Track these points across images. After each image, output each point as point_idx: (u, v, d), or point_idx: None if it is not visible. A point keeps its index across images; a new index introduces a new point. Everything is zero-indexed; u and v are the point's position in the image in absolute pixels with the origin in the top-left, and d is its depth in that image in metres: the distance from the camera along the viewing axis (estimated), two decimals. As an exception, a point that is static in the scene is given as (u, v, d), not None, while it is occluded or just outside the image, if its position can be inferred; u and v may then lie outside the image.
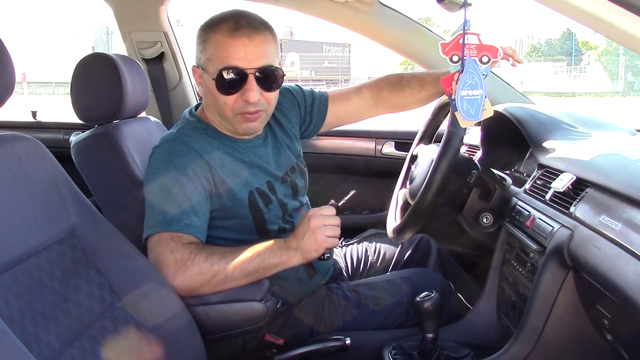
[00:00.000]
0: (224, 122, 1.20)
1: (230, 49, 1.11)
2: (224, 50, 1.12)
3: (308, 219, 1.08)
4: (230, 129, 1.21)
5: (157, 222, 1.09)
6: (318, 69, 24.94)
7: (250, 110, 1.14)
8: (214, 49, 1.13)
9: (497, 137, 1.51)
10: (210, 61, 1.14)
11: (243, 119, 1.16)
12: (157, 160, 1.17)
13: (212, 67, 1.13)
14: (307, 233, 1.07)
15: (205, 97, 1.21)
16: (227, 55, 1.11)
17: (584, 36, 29.71)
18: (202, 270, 1.04)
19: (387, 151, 2.09)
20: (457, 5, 1.14)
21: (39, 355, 0.78)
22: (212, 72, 1.13)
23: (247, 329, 1.08)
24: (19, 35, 31.96)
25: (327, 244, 1.08)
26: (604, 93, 22.48)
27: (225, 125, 1.22)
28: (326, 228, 1.08)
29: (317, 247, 1.07)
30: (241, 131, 1.20)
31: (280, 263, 1.08)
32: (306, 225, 1.08)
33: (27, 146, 0.95)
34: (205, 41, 1.15)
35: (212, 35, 1.14)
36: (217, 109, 1.19)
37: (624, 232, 0.84)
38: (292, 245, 1.08)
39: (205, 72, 1.15)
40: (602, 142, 1.21)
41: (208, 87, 1.16)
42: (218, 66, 1.12)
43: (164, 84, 2.11)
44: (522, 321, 1.11)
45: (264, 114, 1.18)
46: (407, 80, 1.42)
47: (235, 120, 1.17)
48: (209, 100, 1.20)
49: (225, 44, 1.12)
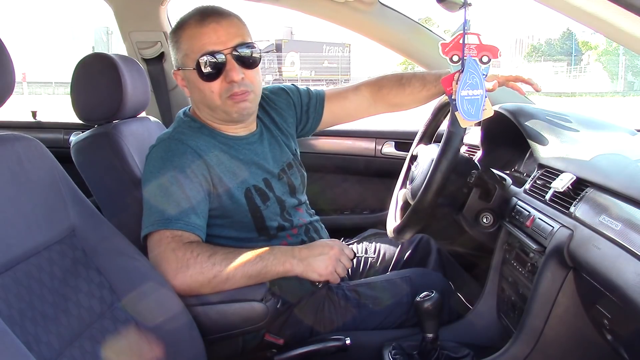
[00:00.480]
0: (216, 113, 1.21)
1: (202, 37, 1.14)
2: (197, 41, 1.15)
3: (332, 246, 1.11)
4: (225, 119, 1.22)
5: (155, 220, 1.09)
6: (318, 69, 24.93)
7: (236, 92, 1.16)
8: (187, 44, 1.16)
9: (497, 137, 1.51)
10: (187, 56, 1.17)
11: (232, 101, 1.17)
12: (155, 159, 1.17)
13: (190, 61, 1.16)
14: (322, 255, 1.09)
15: (193, 95, 1.23)
16: (201, 44, 1.14)
17: (584, 36, 29.72)
18: (204, 270, 1.04)
19: (387, 151, 2.09)
20: (457, 5, 1.14)
21: (39, 355, 0.78)
22: (191, 65, 1.16)
23: (247, 329, 1.08)
24: (19, 35, 31.96)
25: (331, 277, 1.10)
26: (604, 93, 22.48)
27: (219, 117, 1.22)
28: (339, 264, 1.11)
29: (322, 272, 1.09)
30: (235, 115, 1.20)
31: (282, 271, 1.09)
32: (327, 249, 1.11)
33: (27, 146, 0.95)
34: (177, 41, 1.19)
35: (181, 33, 1.17)
36: (205, 102, 1.20)
37: (624, 232, 0.84)
38: (300, 256, 1.09)
39: (185, 69, 1.18)
40: (602, 142, 1.21)
41: (192, 82, 1.18)
42: (195, 57, 1.14)
43: (164, 84, 2.11)
44: (522, 321, 1.11)
45: (252, 94, 1.19)
46: (407, 79, 1.42)
47: (226, 106, 1.18)
48: (196, 97, 1.22)
49: (197, 34, 1.15)
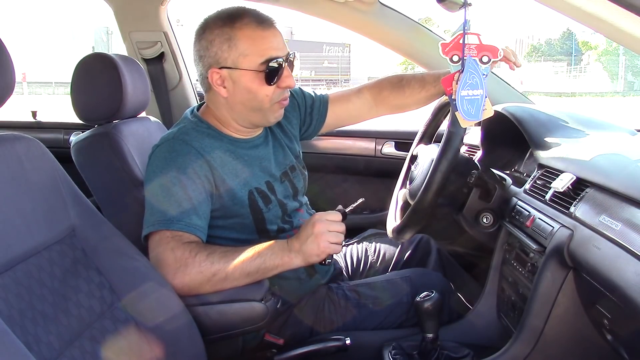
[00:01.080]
0: (254, 117, 1.21)
1: (265, 41, 1.14)
2: (261, 43, 1.14)
3: (313, 223, 1.08)
4: (253, 123, 1.23)
5: (156, 220, 1.09)
6: (318, 69, 24.93)
7: (286, 96, 1.20)
8: (247, 44, 1.14)
9: (497, 137, 1.51)
10: (246, 57, 1.14)
11: (279, 106, 1.20)
12: (158, 159, 1.17)
13: (248, 62, 1.14)
14: (310, 237, 1.07)
15: (234, 96, 1.18)
16: (266, 47, 1.14)
17: (584, 36, 29.72)
18: (203, 269, 1.04)
19: (387, 151, 2.09)
20: (457, 5, 1.14)
21: (39, 355, 0.78)
22: (250, 66, 1.14)
23: (247, 329, 1.08)
24: (19, 35, 31.94)
25: (329, 250, 1.08)
26: (604, 93, 22.48)
27: (249, 121, 1.22)
28: (330, 234, 1.07)
29: (318, 252, 1.07)
30: (273, 120, 1.23)
31: (281, 264, 1.08)
32: (310, 229, 1.07)
33: (27, 146, 0.95)
34: (231, 39, 1.14)
35: (238, 32, 1.14)
36: (251, 105, 1.18)
37: (624, 232, 0.84)
38: (294, 248, 1.08)
39: (237, 70, 1.15)
40: (602, 142, 1.21)
41: (241, 83, 1.16)
42: (258, 60, 1.13)
43: (164, 84, 2.11)
44: (522, 321, 1.11)
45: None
46: (407, 80, 1.42)
47: (270, 110, 1.20)
48: (240, 98, 1.18)
49: (260, 37, 1.14)
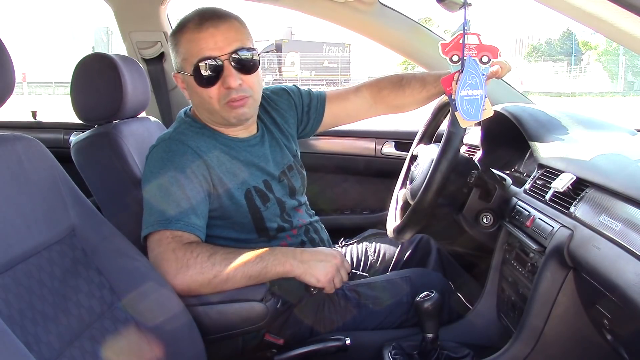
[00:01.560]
0: (215, 117, 1.21)
1: (200, 42, 1.14)
2: (194, 46, 1.14)
3: (335, 255, 1.12)
4: (223, 123, 1.22)
5: (155, 220, 1.09)
6: (318, 69, 24.92)
7: (234, 97, 1.16)
8: (185, 48, 1.16)
9: (497, 137, 1.51)
10: (185, 60, 1.16)
11: (229, 107, 1.17)
12: (155, 160, 1.17)
13: (188, 66, 1.16)
14: (324, 262, 1.10)
15: (192, 98, 1.22)
16: (198, 49, 1.14)
17: (584, 36, 29.70)
18: (204, 270, 1.04)
19: (387, 151, 2.09)
20: (457, 5, 1.14)
21: (39, 355, 0.78)
22: (189, 70, 1.15)
23: (247, 329, 1.08)
24: (19, 35, 31.94)
25: (326, 285, 1.10)
26: (604, 93, 22.46)
27: (218, 121, 1.22)
28: (338, 275, 1.11)
29: (321, 278, 1.09)
30: (233, 120, 1.19)
31: (282, 272, 1.09)
32: (330, 257, 1.11)
33: (27, 146, 0.95)
34: (176, 44, 1.18)
35: (180, 36, 1.17)
36: (204, 106, 1.20)
37: (624, 232, 0.84)
38: (302, 258, 1.09)
39: (184, 73, 1.17)
40: (602, 142, 1.21)
41: (190, 86, 1.18)
42: (193, 62, 1.14)
43: (164, 84, 2.11)
44: (522, 321, 1.11)
45: (251, 99, 1.19)
46: (407, 80, 1.42)
47: (223, 111, 1.18)
48: (195, 101, 1.22)
49: (195, 39, 1.14)
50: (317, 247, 1.16)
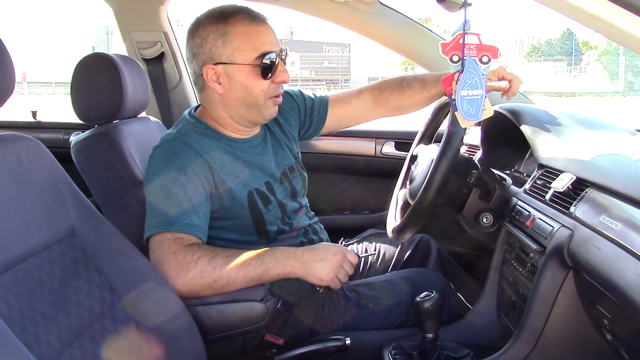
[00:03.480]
0: (250, 112, 1.21)
1: (259, 36, 1.16)
2: (255, 38, 1.15)
3: (334, 252, 1.11)
4: (249, 121, 1.23)
5: (158, 222, 1.09)
6: (318, 69, 24.92)
7: (280, 92, 1.20)
8: (242, 39, 1.15)
9: (497, 137, 1.51)
10: (240, 52, 1.15)
11: (273, 102, 1.20)
12: (158, 160, 1.17)
13: (243, 57, 1.15)
14: (325, 261, 1.09)
15: (230, 93, 1.18)
16: (261, 42, 1.15)
17: (584, 36, 29.70)
18: (205, 274, 1.04)
19: (387, 151, 2.09)
20: (457, 5, 1.14)
21: (39, 355, 0.78)
22: (246, 61, 1.15)
23: (247, 329, 1.08)
24: (19, 35, 31.92)
25: (331, 283, 1.10)
26: (604, 93, 22.46)
27: (244, 118, 1.22)
28: (341, 270, 1.10)
29: (323, 277, 1.09)
30: (268, 116, 1.23)
31: (283, 273, 1.09)
32: (330, 254, 1.10)
33: (27, 146, 0.95)
34: (225, 34, 1.15)
35: (232, 27, 1.15)
36: (247, 100, 1.18)
37: (624, 232, 0.84)
38: (303, 259, 1.09)
39: (232, 65, 1.16)
40: (602, 142, 1.21)
41: (236, 78, 1.17)
42: (253, 54, 1.15)
43: (164, 84, 2.11)
44: (522, 321, 1.11)
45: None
46: (408, 82, 1.42)
47: (265, 107, 1.20)
48: (235, 94, 1.18)
49: (254, 31, 1.15)
50: (318, 245, 1.15)
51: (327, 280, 1.09)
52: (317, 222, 1.37)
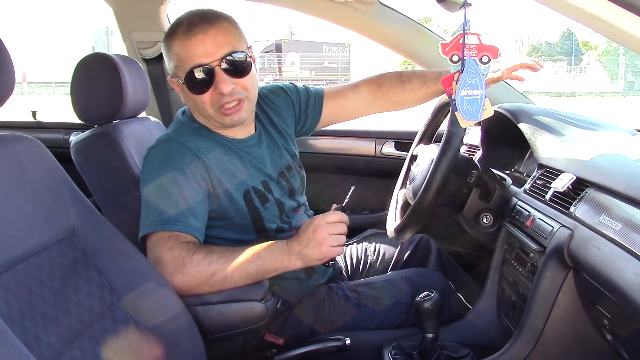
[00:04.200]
0: (211, 121, 1.22)
1: (189, 50, 1.13)
2: (184, 53, 1.13)
3: (314, 229, 1.06)
4: (219, 126, 1.22)
5: (153, 221, 1.09)
6: (318, 69, 24.92)
7: (226, 101, 1.15)
8: (176, 56, 1.15)
9: (497, 137, 1.51)
10: (178, 68, 1.16)
11: (223, 112, 1.16)
12: (154, 161, 1.17)
13: (181, 73, 1.15)
14: (311, 242, 1.06)
15: (187, 102, 1.22)
16: (188, 57, 1.13)
17: (584, 36, 29.69)
18: (201, 269, 1.04)
19: (387, 151, 2.09)
20: (457, 5, 1.14)
21: (39, 355, 0.78)
22: (181, 77, 1.15)
23: (247, 329, 1.08)
24: (19, 35, 31.93)
25: (331, 254, 1.07)
26: (604, 93, 22.45)
27: (214, 125, 1.23)
28: (331, 238, 1.07)
29: (321, 256, 1.07)
30: (228, 124, 1.20)
31: (281, 267, 1.08)
32: (311, 234, 1.06)
33: (27, 146, 0.95)
34: (168, 51, 1.18)
35: (171, 43, 1.16)
36: (199, 110, 1.20)
37: (624, 232, 0.84)
38: (294, 250, 1.08)
39: (178, 79, 1.17)
40: (602, 142, 1.21)
41: (184, 92, 1.18)
42: (185, 69, 1.14)
43: (164, 84, 2.11)
44: (522, 321, 1.11)
45: (246, 101, 1.18)
46: (407, 76, 1.42)
47: (217, 116, 1.18)
48: (190, 104, 1.22)
49: (184, 46, 1.13)
50: (300, 231, 1.10)
51: (325, 257, 1.07)
52: (317, 221, 1.37)
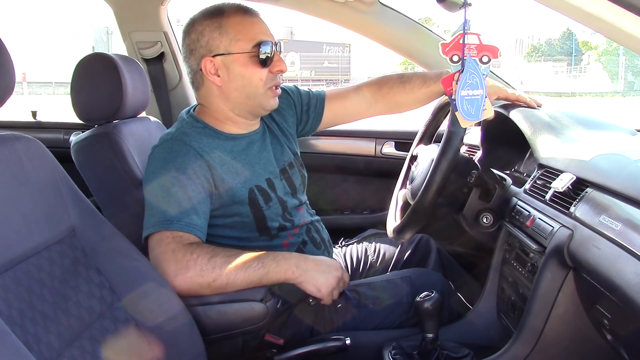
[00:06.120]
0: (250, 103, 1.22)
1: (255, 26, 1.19)
2: (250, 28, 1.18)
3: (337, 267, 1.12)
4: (250, 112, 1.24)
5: (157, 221, 1.09)
6: (318, 69, 24.95)
7: (278, 82, 1.22)
8: (237, 30, 1.18)
9: (497, 137, 1.51)
10: (237, 41, 1.18)
11: (272, 93, 1.22)
12: (157, 160, 1.17)
13: (240, 47, 1.18)
14: (326, 274, 1.10)
15: (229, 84, 1.20)
16: (256, 32, 1.18)
17: (584, 36, 29.71)
18: (204, 273, 1.04)
19: (387, 151, 2.09)
20: (457, 5, 1.14)
21: (39, 355, 0.78)
22: (243, 50, 1.17)
23: (247, 329, 1.08)
24: (19, 35, 31.94)
25: (325, 295, 1.10)
26: (604, 93, 22.47)
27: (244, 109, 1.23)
28: (337, 288, 1.11)
29: (321, 289, 1.09)
30: (269, 107, 1.24)
31: (284, 278, 1.09)
32: (332, 268, 1.11)
33: (27, 146, 0.95)
34: (221, 26, 1.18)
35: (227, 20, 1.18)
36: (246, 90, 1.20)
37: (624, 232, 0.84)
38: (305, 266, 1.09)
39: (230, 55, 1.18)
40: (602, 142, 1.21)
41: (235, 69, 1.19)
42: (249, 44, 1.17)
43: (164, 84, 2.11)
44: (522, 321, 1.11)
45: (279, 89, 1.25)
46: (408, 77, 1.43)
47: (264, 97, 1.21)
48: (234, 84, 1.20)
49: (249, 22, 1.19)
50: (321, 257, 1.15)
51: (324, 293, 1.09)
52: (318, 221, 1.37)
